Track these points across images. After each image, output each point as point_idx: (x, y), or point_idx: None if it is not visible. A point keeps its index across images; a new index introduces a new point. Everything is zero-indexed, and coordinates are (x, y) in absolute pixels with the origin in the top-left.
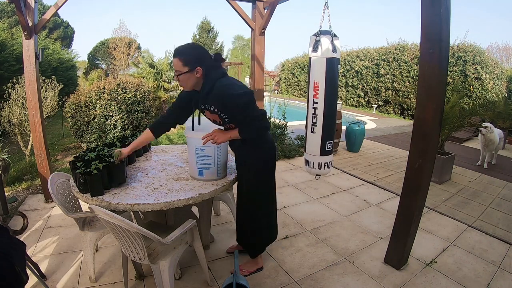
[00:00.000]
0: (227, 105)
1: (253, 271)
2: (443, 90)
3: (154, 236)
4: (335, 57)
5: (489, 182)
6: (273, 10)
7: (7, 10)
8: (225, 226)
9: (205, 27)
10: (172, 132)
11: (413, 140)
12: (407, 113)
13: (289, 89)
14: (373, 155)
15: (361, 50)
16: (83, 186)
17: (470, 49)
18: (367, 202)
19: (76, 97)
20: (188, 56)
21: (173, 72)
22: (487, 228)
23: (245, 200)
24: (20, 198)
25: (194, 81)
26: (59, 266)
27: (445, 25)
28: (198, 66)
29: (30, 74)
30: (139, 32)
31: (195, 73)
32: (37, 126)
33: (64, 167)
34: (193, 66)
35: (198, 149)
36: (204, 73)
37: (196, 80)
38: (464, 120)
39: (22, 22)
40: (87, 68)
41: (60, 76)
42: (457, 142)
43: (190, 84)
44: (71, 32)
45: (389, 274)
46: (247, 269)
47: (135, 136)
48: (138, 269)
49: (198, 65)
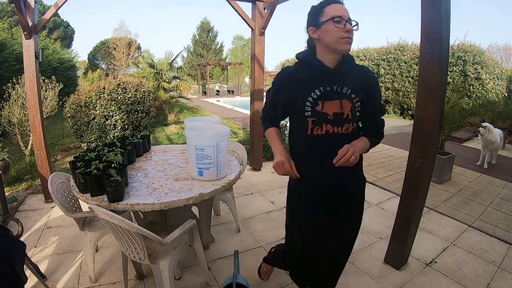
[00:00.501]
0: (373, 87)
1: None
2: (443, 90)
3: (154, 236)
4: None
5: (489, 182)
6: (273, 10)
7: (7, 10)
8: (225, 226)
9: (205, 27)
10: (172, 132)
11: (413, 140)
12: (407, 113)
13: None
14: (373, 155)
15: (361, 50)
16: (83, 186)
17: (470, 49)
18: (367, 202)
19: (76, 97)
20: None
21: (173, 72)
22: (487, 228)
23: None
24: (20, 198)
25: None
26: (59, 266)
27: (445, 25)
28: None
29: (30, 74)
30: (139, 32)
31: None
32: (37, 126)
33: (64, 167)
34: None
35: (198, 149)
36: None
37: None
38: (464, 120)
39: (22, 22)
40: (87, 68)
41: (60, 76)
42: (457, 142)
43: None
44: (71, 32)
45: (389, 274)
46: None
47: (134, 136)
48: (138, 269)
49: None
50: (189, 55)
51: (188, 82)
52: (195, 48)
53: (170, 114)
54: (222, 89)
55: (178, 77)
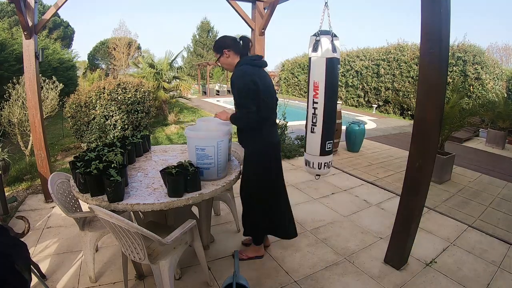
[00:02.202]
0: (234, 80)
1: (252, 256)
2: (443, 90)
3: (154, 236)
4: (335, 57)
5: (489, 182)
6: (273, 10)
7: (7, 10)
8: (225, 226)
9: (205, 27)
10: (172, 132)
11: (413, 140)
12: (407, 113)
13: (289, 89)
14: (373, 155)
15: (361, 50)
16: (83, 186)
17: (470, 49)
18: (367, 202)
19: (76, 97)
20: (215, 45)
21: (173, 72)
22: (487, 228)
23: (243, 192)
24: (20, 198)
25: (228, 62)
26: (59, 266)
27: (445, 25)
28: (224, 49)
29: (30, 74)
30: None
31: (225, 55)
32: (37, 126)
33: (64, 167)
34: (220, 51)
35: (198, 149)
36: (237, 55)
37: (229, 60)
38: (464, 120)
39: (22, 22)
40: (86, 68)
41: (60, 76)
42: (457, 142)
43: (226, 65)
44: (71, 32)
45: (389, 274)
46: (246, 254)
47: (134, 136)
48: (138, 269)
49: (223, 48)
50: (189, 55)
51: (188, 82)
52: (195, 48)
53: (170, 114)
54: (222, 89)
55: (178, 77)
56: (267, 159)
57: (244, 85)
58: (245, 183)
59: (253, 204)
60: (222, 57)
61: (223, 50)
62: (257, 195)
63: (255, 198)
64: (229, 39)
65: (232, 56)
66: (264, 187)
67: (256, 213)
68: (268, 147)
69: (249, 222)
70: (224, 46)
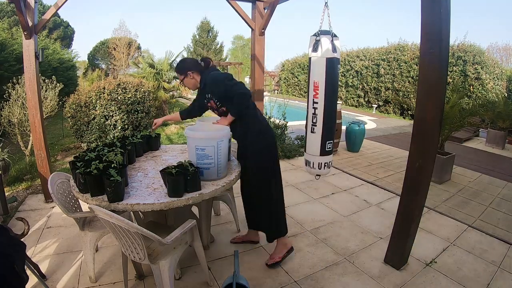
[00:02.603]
0: (212, 86)
1: (285, 255)
2: (443, 90)
3: (154, 236)
4: (335, 57)
5: (489, 182)
6: (273, 10)
7: (7, 10)
8: (225, 226)
9: (205, 27)
10: (172, 132)
11: (413, 140)
12: (407, 113)
13: (289, 89)
14: (373, 155)
15: (361, 50)
16: (83, 186)
17: (470, 49)
18: (367, 202)
19: (76, 97)
20: (178, 67)
21: (173, 72)
22: (487, 228)
23: (248, 188)
24: (20, 198)
25: (192, 82)
26: (59, 266)
27: (445, 25)
28: (188, 71)
29: (30, 74)
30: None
31: (189, 77)
32: (37, 126)
33: (64, 167)
34: (184, 73)
35: (198, 149)
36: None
37: (193, 81)
38: (464, 120)
39: (22, 22)
40: (86, 68)
41: (60, 76)
42: (457, 142)
43: (191, 85)
44: (71, 32)
45: (389, 274)
46: (278, 256)
47: (135, 136)
48: (138, 269)
49: (187, 71)
50: (189, 55)
51: None
52: (195, 48)
53: (170, 114)
54: None
55: (178, 77)
56: (270, 134)
57: (224, 77)
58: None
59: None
60: (186, 78)
61: (187, 72)
62: (265, 182)
63: (265, 186)
64: (192, 61)
65: (196, 76)
66: (269, 170)
67: (270, 201)
68: (267, 127)
69: (267, 216)
70: (188, 68)
